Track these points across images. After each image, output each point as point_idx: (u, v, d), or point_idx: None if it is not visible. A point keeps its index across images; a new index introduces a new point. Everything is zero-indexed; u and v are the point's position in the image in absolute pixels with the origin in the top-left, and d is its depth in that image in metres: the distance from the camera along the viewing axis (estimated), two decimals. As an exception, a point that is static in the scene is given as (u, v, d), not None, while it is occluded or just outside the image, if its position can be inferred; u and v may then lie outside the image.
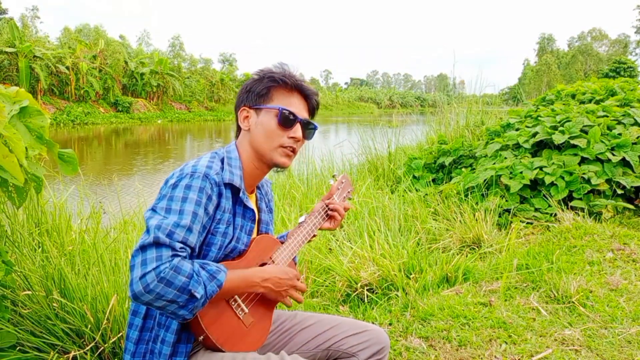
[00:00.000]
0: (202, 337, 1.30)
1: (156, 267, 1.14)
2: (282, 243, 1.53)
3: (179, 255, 1.19)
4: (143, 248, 1.17)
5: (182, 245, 1.21)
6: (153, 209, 1.26)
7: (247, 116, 1.43)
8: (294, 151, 1.44)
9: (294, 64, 1.48)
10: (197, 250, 1.28)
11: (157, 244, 1.17)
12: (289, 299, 1.44)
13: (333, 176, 1.75)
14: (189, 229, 1.23)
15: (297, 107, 1.44)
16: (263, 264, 1.45)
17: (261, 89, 1.42)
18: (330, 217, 1.64)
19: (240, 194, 1.39)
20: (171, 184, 1.29)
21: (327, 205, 1.64)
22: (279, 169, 1.47)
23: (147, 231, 1.20)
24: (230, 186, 1.37)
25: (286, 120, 1.40)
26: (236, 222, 1.38)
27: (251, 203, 1.43)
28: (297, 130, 1.42)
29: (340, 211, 1.63)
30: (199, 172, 1.30)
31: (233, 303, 1.35)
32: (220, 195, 1.33)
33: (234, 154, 1.43)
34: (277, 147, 1.41)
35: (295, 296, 1.45)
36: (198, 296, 1.18)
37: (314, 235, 1.61)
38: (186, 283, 1.16)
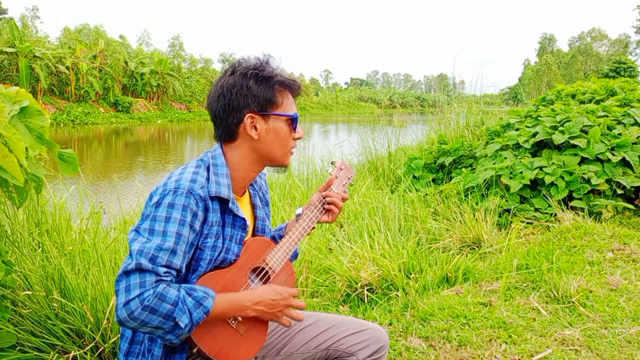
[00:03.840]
0: (195, 349, 1.28)
1: (140, 294, 1.12)
2: (277, 243, 1.48)
3: (164, 281, 1.16)
4: (127, 273, 1.15)
5: (166, 269, 1.18)
6: (136, 230, 1.22)
7: (254, 123, 1.34)
8: None
9: (274, 55, 1.40)
10: (184, 270, 1.25)
11: (140, 270, 1.15)
12: (285, 319, 1.38)
13: (332, 163, 1.66)
14: (173, 252, 1.19)
15: (295, 107, 1.42)
16: (256, 268, 1.41)
17: (271, 94, 1.34)
18: (327, 210, 1.57)
19: (230, 204, 1.33)
20: (154, 202, 1.24)
21: (324, 198, 1.57)
22: (283, 170, 1.47)
23: (130, 255, 1.17)
24: (217, 198, 1.31)
25: (296, 126, 1.40)
26: (225, 233, 1.34)
27: (242, 211, 1.38)
28: (300, 131, 1.42)
29: (338, 204, 1.56)
30: (183, 187, 1.24)
31: None
32: (206, 209, 1.28)
33: (220, 159, 1.35)
34: (287, 151, 1.41)
35: (292, 315, 1.39)
36: (182, 325, 1.16)
37: (313, 228, 1.55)
38: (171, 310, 1.14)
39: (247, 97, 1.33)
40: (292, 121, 1.38)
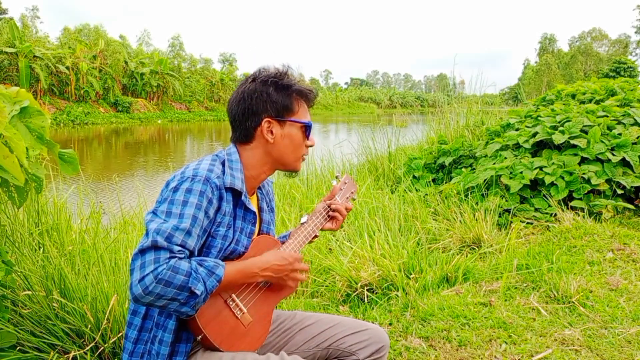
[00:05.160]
0: (200, 336, 1.31)
1: (154, 270, 1.15)
2: (283, 243, 1.52)
3: (177, 257, 1.20)
4: (142, 251, 1.18)
5: (180, 248, 1.22)
6: (154, 212, 1.27)
7: (270, 127, 1.41)
8: None
9: (293, 65, 1.48)
10: (196, 254, 1.29)
11: (155, 247, 1.18)
12: (291, 282, 1.45)
13: (336, 177, 1.74)
14: (188, 233, 1.23)
15: (309, 116, 1.50)
16: None
17: (288, 102, 1.42)
18: (331, 218, 1.65)
19: (242, 197, 1.39)
20: (172, 187, 1.30)
21: (328, 206, 1.64)
22: (294, 175, 1.54)
23: (147, 234, 1.21)
24: (231, 190, 1.37)
25: (310, 133, 1.48)
26: (236, 225, 1.39)
27: (252, 205, 1.44)
28: (312, 139, 1.50)
29: (342, 212, 1.64)
30: (200, 175, 1.31)
31: (231, 303, 1.35)
32: (221, 198, 1.34)
33: (235, 156, 1.42)
34: (299, 157, 1.48)
35: (298, 278, 1.45)
36: (198, 292, 1.19)
37: (316, 236, 1.61)
38: (185, 281, 1.18)
39: (266, 102, 1.41)
40: (306, 128, 1.46)
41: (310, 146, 1.50)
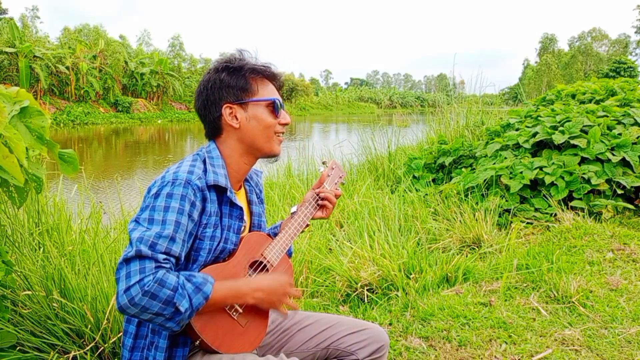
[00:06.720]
0: (198, 341, 1.29)
1: (140, 280, 1.13)
2: (274, 238, 1.51)
3: (163, 267, 1.18)
4: (127, 261, 1.16)
5: (165, 256, 1.19)
6: (136, 221, 1.25)
7: (233, 113, 1.38)
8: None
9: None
10: (182, 259, 1.26)
11: (139, 256, 1.16)
12: (283, 308, 1.41)
13: (323, 163, 1.69)
14: (172, 239, 1.21)
15: (275, 93, 1.44)
16: (254, 262, 1.43)
17: (243, 83, 1.38)
18: (321, 206, 1.61)
19: (227, 193, 1.36)
20: (153, 194, 1.27)
21: (317, 194, 1.60)
22: (274, 159, 1.48)
23: (130, 244, 1.19)
24: (215, 187, 1.34)
25: (278, 110, 1.42)
26: (223, 223, 1.36)
27: (239, 200, 1.41)
28: (286, 116, 1.44)
29: (331, 199, 1.60)
30: (180, 179, 1.27)
31: None
32: (204, 199, 1.31)
33: (215, 152, 1.40)
34: (272, 137, 1.42)
35: (288, 304, 1.41)
36: (182, 310, 1.17)
37: (307, 225, 1.58)
38: (171, 296, 1.15)
39: (220, 89, 1.38)
40: (273, 105, 1.41)
41: (285, 124, 1.43)
